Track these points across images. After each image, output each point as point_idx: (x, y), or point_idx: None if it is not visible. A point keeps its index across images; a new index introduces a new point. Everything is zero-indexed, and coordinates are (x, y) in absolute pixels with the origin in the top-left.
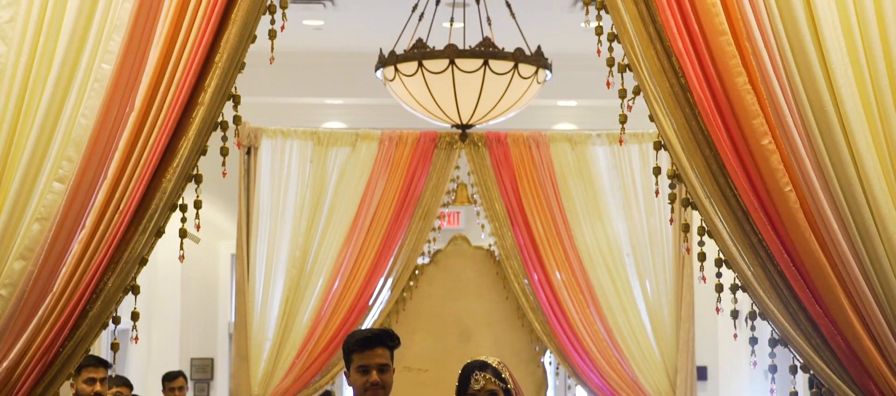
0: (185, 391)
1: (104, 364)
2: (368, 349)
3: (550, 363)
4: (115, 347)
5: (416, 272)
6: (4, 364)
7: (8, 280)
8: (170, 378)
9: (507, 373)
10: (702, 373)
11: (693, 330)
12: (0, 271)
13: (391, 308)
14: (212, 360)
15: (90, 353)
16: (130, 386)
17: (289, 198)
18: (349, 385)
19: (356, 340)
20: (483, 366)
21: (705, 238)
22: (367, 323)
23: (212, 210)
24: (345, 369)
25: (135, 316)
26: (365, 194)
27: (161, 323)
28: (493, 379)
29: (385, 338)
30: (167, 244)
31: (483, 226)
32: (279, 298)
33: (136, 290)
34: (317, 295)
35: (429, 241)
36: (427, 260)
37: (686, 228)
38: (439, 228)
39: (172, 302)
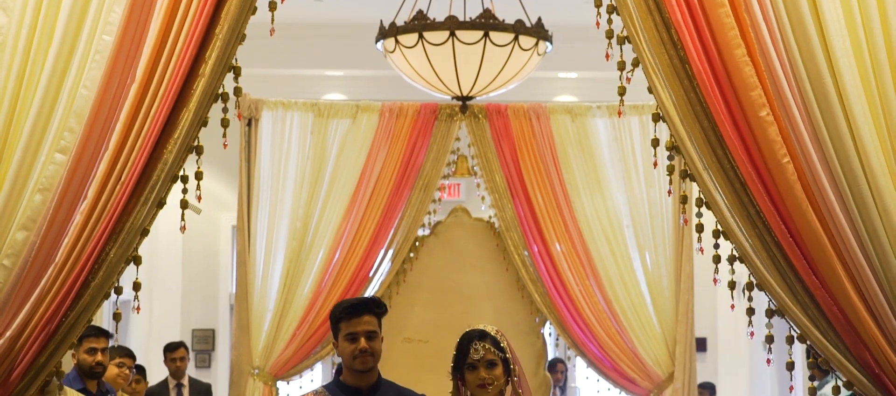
0: (187, 361)
1: (105, 335)
2: (355, 316)
3: (550, 334)
4: (117, 317)
5: (417, 243)
6: (7, 334)
7: (11, 250)
8: (171, 349)
9: (506, 343)
10: (701, 344)
11: (692, 301)
12: (3, 241)
13: (391, 279)
14: (213, 331)
15: (91, 324)
16: (133, 357)
17: (289, 170)
18: (338, 355)
19: (343, 308)
20: (482, 336)
21: (703, 209)
22: (367, 295)
23: (212, 181)
24: (333, 340)
25: (137, 287)
26: (365, 166)
27: (162, 294)
28: (492, 349)
29: (372, 305)
30: (168, 215)
31: (483, 198)
32: (280, 269)
33: (137, 261)
34: (317, 267)
35: (429, 213)
36: (427, 231)
37: (684, 200)
38: (439, 200)
39: (173, 274)
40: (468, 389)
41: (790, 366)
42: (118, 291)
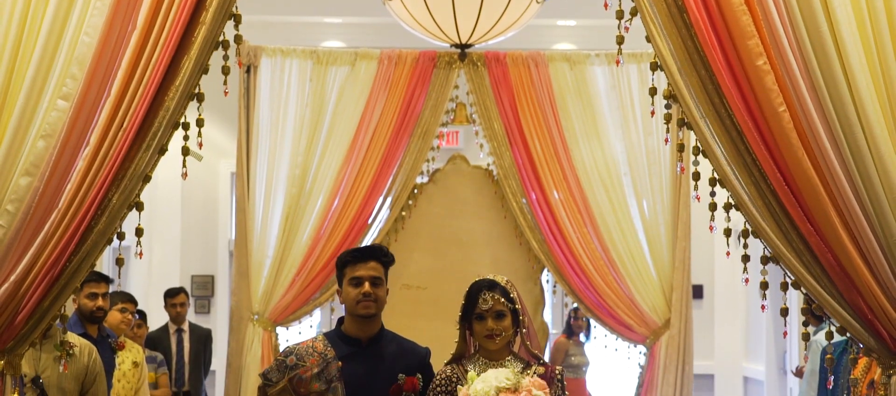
0: (187, 307)
1: (106, 280)
2: (361, 261)
3: (548, 281)
4: (119, 262)
5: (415, 191)
6: (12, 278)
7: (14, 195)
8: (171, 295)
9: (515, 293)
10: (697, 292)
11: (689, 248)
12: (6, 186)
13: (390, 226)
14: (212, 277)
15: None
16: (135, 303)
17: (288, 117)
18: (341, 302)
19: (349, 253)
20: (491, 286)
21: (700, 157)
22: (366, 242)
23: (211, 128)
24: (337, 287)
25: (139, 232)
26: (364, 113)
27: (162, 240)
28: (501, 299)
29: (378, 253)
30: (168, 162)
31: (481, 146)
32: (279, 216)
33: (139, 207)
34: (316, 214)
35: (427, 160)
36: (426, 179)
37: (681, 148)
38: (438, 147)
39: (173, 220)
40: (476, 339)
41: (784, 312)
42: (121, 237)
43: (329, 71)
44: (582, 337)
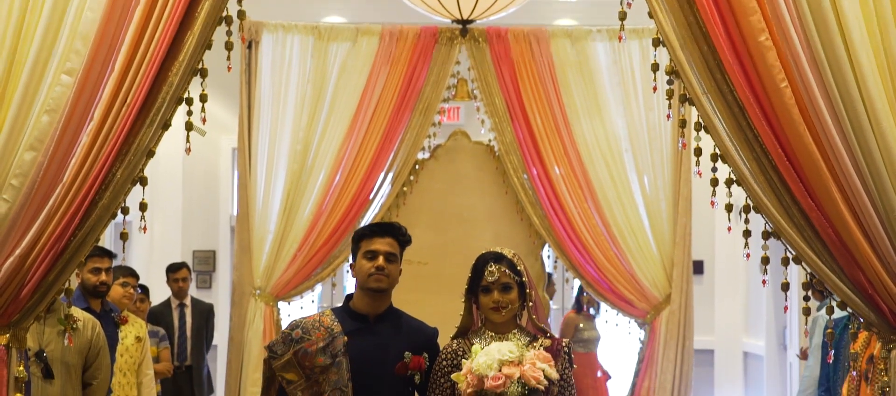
0: (189, 282)
1: (109, 255)
2: (378, 236)
3: (549, 256)
4: (124, 237)
5: (417, 166)
6: (17, 252)
7: (19, 170)
8: (174, 270)
9: (522, 266)
10: (698, 267)
11: (690, 224)
12: (11, 161)
13: (391, 202)
14: (213, 252)
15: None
16: (137, 277)
17: (290, 93)
18: (353, 276)
19: (367, 227)
20: (498, 258)
21: (702, 133)
22: (368, 217)
23: (212, 104)
24: (350, 260)
25: (143, 207)
26: (365, 89)
27: (163, 215)
28: (507, 272)
29: (396, 231)
30: (169, 137)
31: (483, 122)
32: (281, 192)
33: (143, 182)
34: (318, 189)
35: (429, 136)
36: (427, 154)
37: (683, 124)
38: (439, 123)
39: (174, 195)
40: (482, 311)
41: (785, 287)
42: (125, 211)
43: (330, 46)
44: (592, 311)
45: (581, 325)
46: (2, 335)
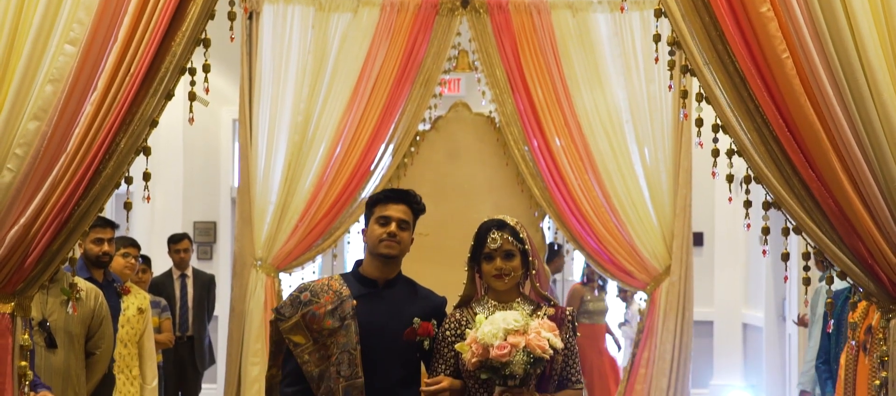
0: (190, 253)
1: (111, 225)
2: (393, 202)
3: (549, 228)
4: (127, 206)
5: (417, 138)
6: (21, 221)
7: (23, 139)
8: (175, 240)
9: (525, 234)
10: (698, 239)
11: (690, 196)
12: (15, 131)
13: (392, 173)
14: (214, 224)
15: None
16: (138, 247)
17: (291, 64)
18: (364, 240)
19: (382, 192)
20: (501, 226)
21: (703, 104)
22: (369, 189)
23: (213, 75)
24: (363, 226)
25: (147, 177)
26: (366, 61)
27: (164, 186)
28: (510, 239)
29: (411, 198)
30: (169, 108)
31: (484, 93)
32: (282, 163)
33: (147, 151)
34: (319, 161)
35: (430, 108)
36: (428, 126)
37: (684, 95)
38: (440, 95)
39: (175, 166)
40: (484, 280)
41: (785, 257)
42: (128, 181)
43: (331, 18)
44: (601, 283)
45: (587, 297)
46: (6, 303)
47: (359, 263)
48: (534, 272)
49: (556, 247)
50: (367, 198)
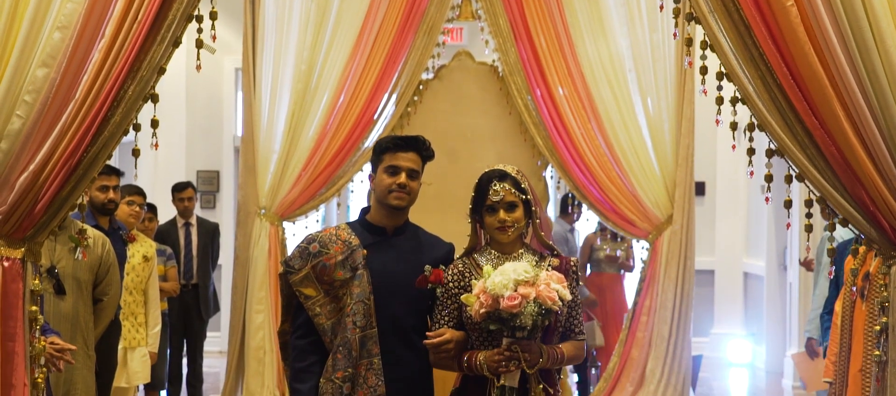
0: (194, 201)
1: (117, 173)
2: (402, 150)
3: (552, 177)
4: (136, 153)
5: (420, 87)
6: (31, 167)
7: (31, 86)
8: (179, 189)
9: (527, 183)
10: (699, 188)
11: (693, 145)
12: (23, 78)
13: (395, 122)
14: (217, 173)
15: None
16: (143, 195)
17: (294, 13)
18: (372, 188)
19: (390, 139)
20: (502, 176)
21: (708, 51)
22: (372, 139)
23: (217, 24)
24: (370, 172)
25: (155, 124)
26: (369, 10)
27: (167, 135)
28: (512, 190)
29: (420, 145)
30: (173, 56)
31: (487, 42)
32: (285, 112)
33: (155, 99)
34: (322, 109)
35: (433, 57)
36: (431, 75)
37: (689, 42)
38: (443, 44)
39: (178, 115)
40: (487, 231)
41: (788, 204)
42: (136, 128)
43: None
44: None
45: (597, 244)
46: (17, 249)
47: (365, 210)
48: (537, 221)
49: (570, 198)
50: (374, 143)
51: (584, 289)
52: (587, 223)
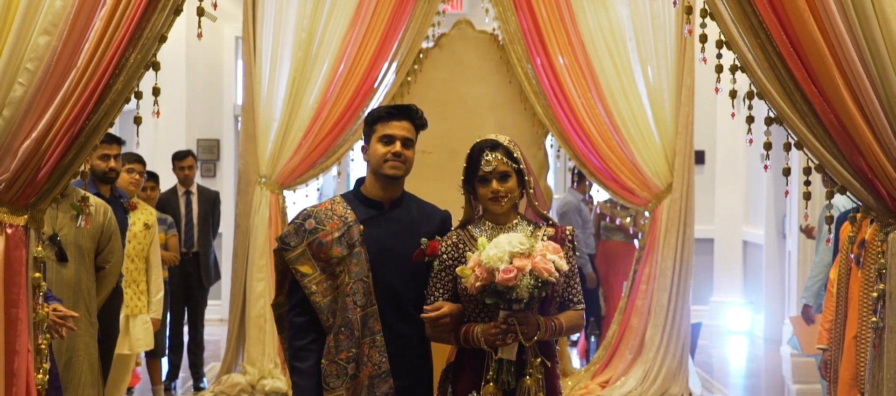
0: (195, 170)
1: (118, 141)
2: (395, 119)
3: (552, 146)
4: (137, 121)
5: (421, 56)
6: (33, 135)
7: (33, 54)
8: (180, 157)
9: (519, 152)
10: (699, 157)
11: (692, 114)
12: (25, 45)
13: (395, 91)
14: (217, 141)
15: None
16: (143, 163)
17: None
18: (366, 159)
19: (383, 109)
20: (494, 146)
21: (707, 20)
22: (372, 107)
23: None
24: (363, 143)
25: (156, 92)
26: None
27: (167, 103)
28: (504, 159)
29: (413, 113)
30: (174, 24)
31: (487, 11)
32: (286, 80)
33: (156, 66)
34: (322, 78)
35: (433, 25)
36: (431, 44)
37: (689, 11)
38: (443, 12)
39: (178, 84)
40: (480, 202)
41: (787, 172)
42: (138, 96)
43: None
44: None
45: (603, 212)
46: (20, 216)
47: (360, 182)
48: (531, 191)
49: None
50: (366, 114)
51: (588, 266)
52: (597, 193)
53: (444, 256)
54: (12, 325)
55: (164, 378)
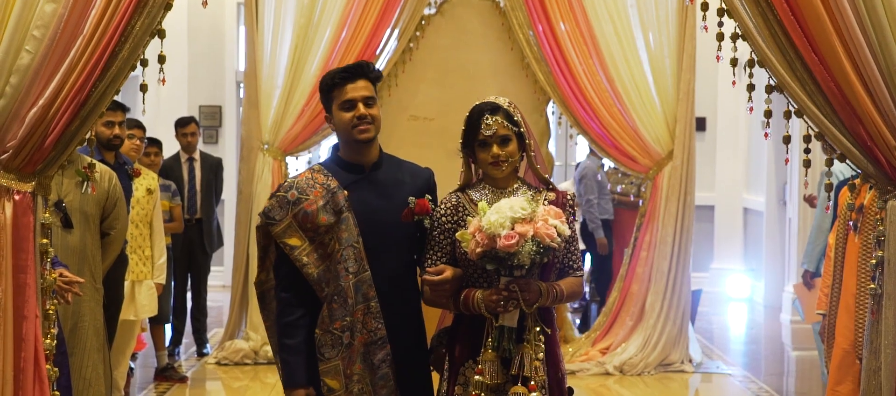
0: (198, 136)
1: (122, 108)
2: (350, 81)
3: (553, 113)
4: (143, 88)
5: (423, 22)
6: (40, 102)
7: (40, 21)
8: (182, 124)
9: (519, 115)
10: (700, 124)
11: (693, 81)
12: (32, 13)
13: (398, 58)
14: (219, 108)
15: None
16: (144, 129)
17: None
18: (333, 129)
19: (334, 74)
20: (494, 109)
21: None
22: None
23: None
24: (325, 114)
25: (162, 59)
26: None
27: (169, 70)
28: (505, 123)
29: (365, 69)
30: None
31: None
32: (288, 47)
33: (161, 34)
34: (325, 44)
35: None
36: (433, 10)
37: None
38: None
39: (180, 50)
40: (480, 167)
41: (787, 140)
42: (143, 63)
43: None
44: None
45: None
46: (27, 182)
47: (336, 148)
48: (532, 154)
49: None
50: (319, 83)
51: (599, 231)
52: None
53: (444, 219)
54: (21, 291)
55: (167, 343)
